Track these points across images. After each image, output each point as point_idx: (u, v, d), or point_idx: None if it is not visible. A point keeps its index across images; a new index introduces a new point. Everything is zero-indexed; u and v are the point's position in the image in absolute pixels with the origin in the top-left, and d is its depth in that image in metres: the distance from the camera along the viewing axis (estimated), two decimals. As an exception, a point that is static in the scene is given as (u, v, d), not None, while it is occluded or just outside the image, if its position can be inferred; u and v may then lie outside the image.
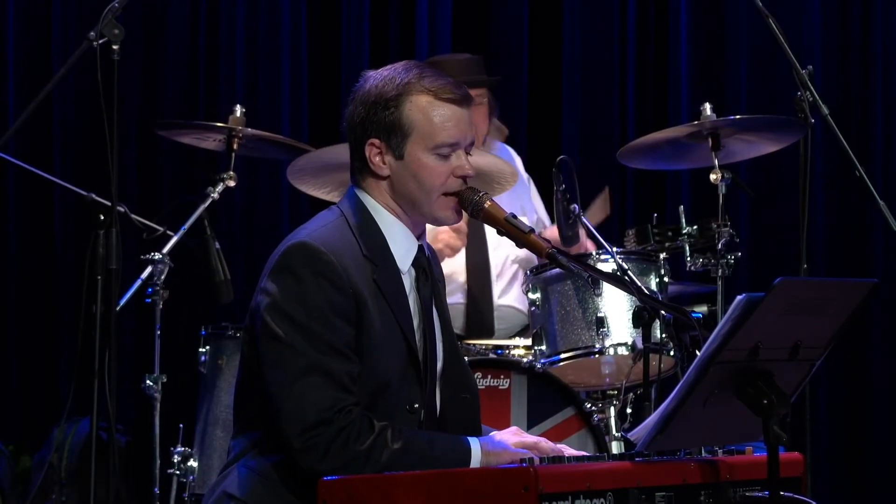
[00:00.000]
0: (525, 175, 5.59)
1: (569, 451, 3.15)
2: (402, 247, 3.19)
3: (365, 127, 3.17)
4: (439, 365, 3.24)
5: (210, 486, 3.23)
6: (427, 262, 3.26)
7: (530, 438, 3.10)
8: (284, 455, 3.04)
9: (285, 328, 3.02)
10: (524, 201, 5.49)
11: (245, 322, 3.16)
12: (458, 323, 5.27)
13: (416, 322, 3.18)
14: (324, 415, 2.97)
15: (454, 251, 5.13)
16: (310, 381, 2.99)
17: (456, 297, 5.28)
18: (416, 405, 3.13)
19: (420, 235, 3.25)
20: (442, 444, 3.06)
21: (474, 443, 3.06)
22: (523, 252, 5.26)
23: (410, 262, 3.20)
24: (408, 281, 3.20)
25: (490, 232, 5.28)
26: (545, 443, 3.11)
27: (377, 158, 3.17)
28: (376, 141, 3.16)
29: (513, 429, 3.17)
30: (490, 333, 5.23)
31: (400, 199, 3.19)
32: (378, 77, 3.19)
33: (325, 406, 2.98)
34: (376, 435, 2.99)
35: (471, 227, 5.33)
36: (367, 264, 3.11)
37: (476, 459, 3.04)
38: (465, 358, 4.44)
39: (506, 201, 3.89)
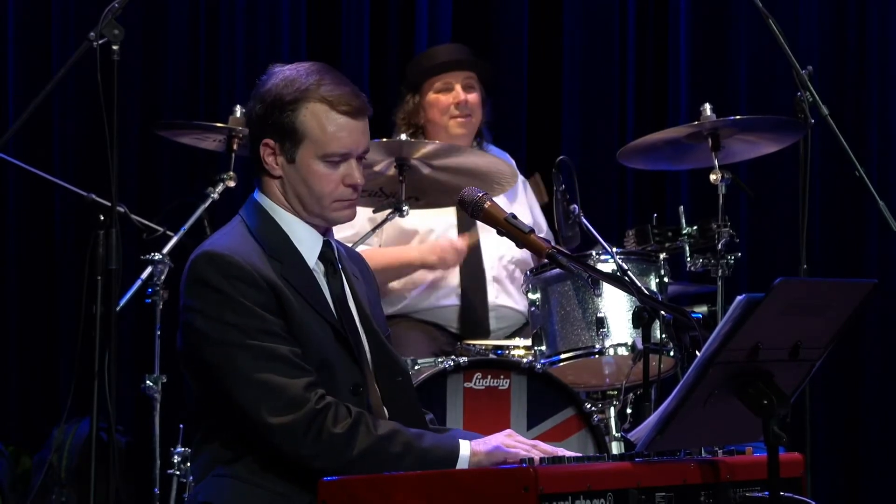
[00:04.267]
0: (520, 177, 5.58)
1: (563, 453, 3.15)
2: (306, 242, 3.25)
3: (261, 126, 3.24)
4: (368, 353, 3.26)
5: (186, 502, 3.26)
6: (335, 257, 3.30)
7: (525, 442, 3.10)
8: (255, 452, 3.07)
9: (222, 330, 3.07)
10: (520, 205, 5.47)
11: (178, 344, 3.18)
12: (453, 324, 5.27)
13: (333, 312, 3.22)
14: (290, 392, 3.02)
15: (445, 264, 5.15)
16: (265, 367, 3.04)
17: (450, 300, 5.27)
18: (361, 388, 3.17)
19: (325, 231, 3.29)
20: (430, 440, 3.09)
21: (465, 443, 3.08)
22: (519, 253, 5.27)
23: (316, 256, 3.25)
24: (318, 275, 3.25)
25: (483, 234, 5.27)
26: (542, 445, 3.11)
27: (270, 158, 3.24)
28: (270, 142, 3.23)
29: (507, 431, 3.19)
30: (486, 334, 5.23)
31: (291, 200, 3.25)
32: (280, 76, 3.25)
33: (288, 383, 3.02)
34: (354, 421, 3.03)
35: (463, 228, 5.31)
36: (273, 262, 3.17)
37: (464, 457, 3.06)
38: (466, 358, 4.50)
39: (502, 204, 3.88)
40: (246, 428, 3.06)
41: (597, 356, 4.64)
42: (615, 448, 4.68)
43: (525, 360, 4.63)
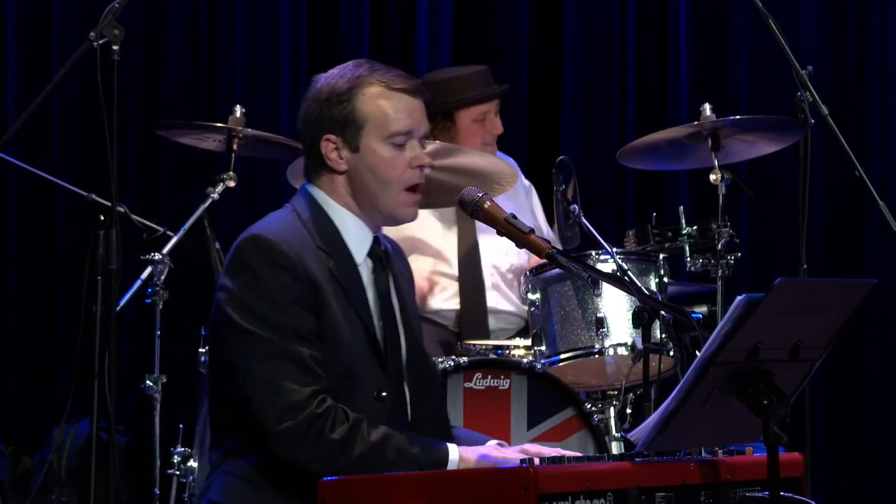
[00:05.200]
0: (526, 183, 5.57)
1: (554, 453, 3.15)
2: (356, 238, 3.22)
3: (320, 124, 3.21)
4: (403, 354, 3.25)
5: (195, 497, 3.25)
6: (384, 254, 3.28)
7: (513, 454, 3.10)
8: (262, 454, 3.06)
9: (248, 319, 3.05)
10: (524, 209, 5.45)
11: (209, 324, 3.18)
12: (453, 326, 5.26)
13: (374, 311, 3.20)
14: (295, 397, 3.01)
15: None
16: (279, 367, 3.03)
17: (451, 303, 5.27)
18: (384, 393, 3.15)
19: (376, 227, 3.27)
20: (420, 444, 3.08)
21: (453, 447, 3.08)
22: (517, 259, 5.26)
23: (366, 252, 3.23)
24: (364, 272, 3.22)
25: (482, 239, 5.26)
26: (533, 450, 3.11)
27: (334, 154, 3.20)
28: (332, 136, 3.20)
29: (495, 443, 3.20)
30: (485, 337, 5.22)
31: (358, 195, 3.22)
32: (329, 76, 3.24)
33: (296, 389, 3.02)
34: (351, 426, 3.03)
35: (463, 234, 5.30)
36: (322, 255, 3.15)
37: (453, 461, 3.06)
38: (466, 358, 4.50)
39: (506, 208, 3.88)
40: (249, 426, 3.05)
41: (597, 356, 4.63)
42: (615, 448, 4.68)
43: (525, 360, 4.63)
